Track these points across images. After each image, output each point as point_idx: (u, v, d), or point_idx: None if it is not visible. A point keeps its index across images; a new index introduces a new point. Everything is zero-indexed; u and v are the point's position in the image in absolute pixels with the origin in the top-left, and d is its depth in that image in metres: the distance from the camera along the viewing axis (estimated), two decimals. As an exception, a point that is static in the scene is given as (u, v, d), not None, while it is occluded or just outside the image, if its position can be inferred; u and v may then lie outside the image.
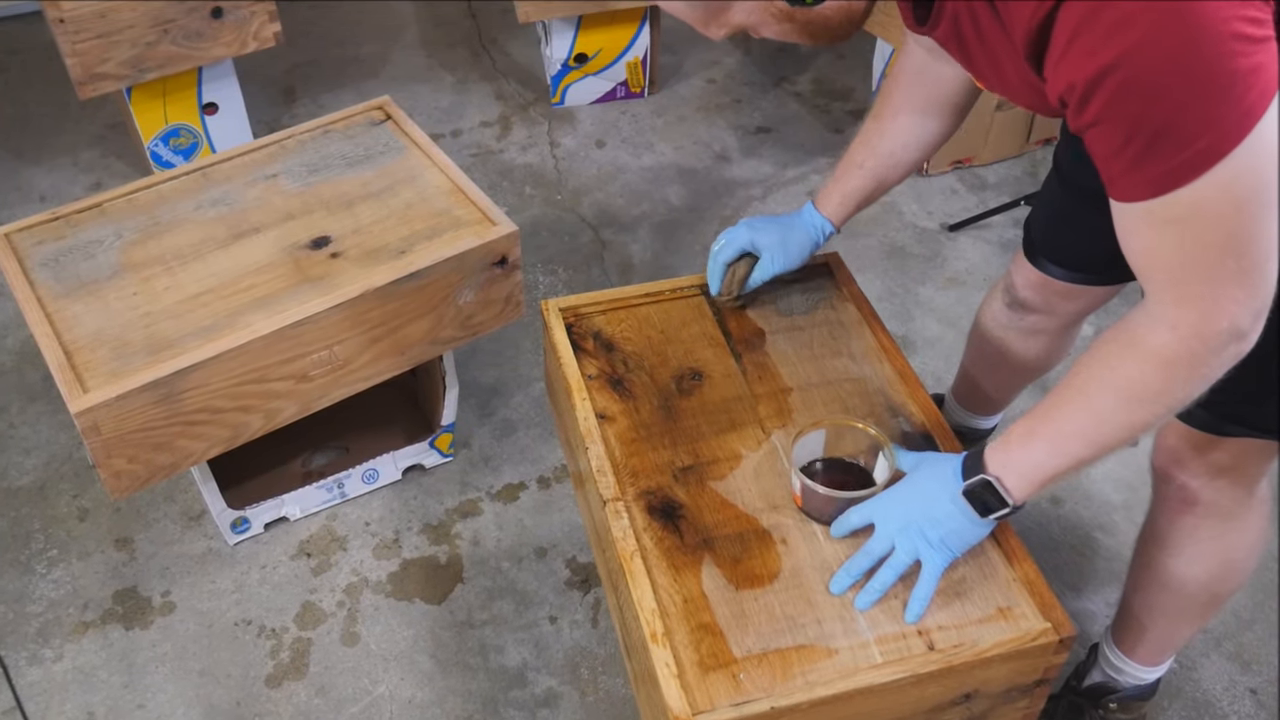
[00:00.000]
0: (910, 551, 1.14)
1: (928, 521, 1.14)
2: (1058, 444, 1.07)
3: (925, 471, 1.17)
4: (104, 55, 2.24)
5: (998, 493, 1.10)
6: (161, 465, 1.56)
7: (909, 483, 1.17)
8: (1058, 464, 1.08)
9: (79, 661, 1.71)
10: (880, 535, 1.15)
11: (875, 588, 1.15)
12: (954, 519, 1.13)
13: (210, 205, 1.75)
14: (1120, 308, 1.57)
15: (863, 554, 1.16)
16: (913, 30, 1.07)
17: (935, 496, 1.14)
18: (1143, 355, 0.98)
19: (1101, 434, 1.04)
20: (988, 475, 1.10)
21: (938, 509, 1.13)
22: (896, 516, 1.16)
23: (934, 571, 1.14)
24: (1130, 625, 1.46)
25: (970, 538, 1.14)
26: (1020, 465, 1.09)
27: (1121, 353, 1.00)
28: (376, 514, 1.91)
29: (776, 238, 1.41)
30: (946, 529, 1.13)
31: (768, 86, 2.93)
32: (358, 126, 1.90)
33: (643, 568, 1.16)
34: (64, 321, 1.56)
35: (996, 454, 1.11)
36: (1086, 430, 1.05)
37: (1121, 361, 1.00)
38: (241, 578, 1.82)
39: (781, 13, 0.98)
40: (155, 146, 2.52)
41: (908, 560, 1.14)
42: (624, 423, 1.32)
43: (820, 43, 1.03)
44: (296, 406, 1.64)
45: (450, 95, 2.92)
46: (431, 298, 1.65)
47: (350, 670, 1.69)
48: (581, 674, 1.68)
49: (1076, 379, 1.05)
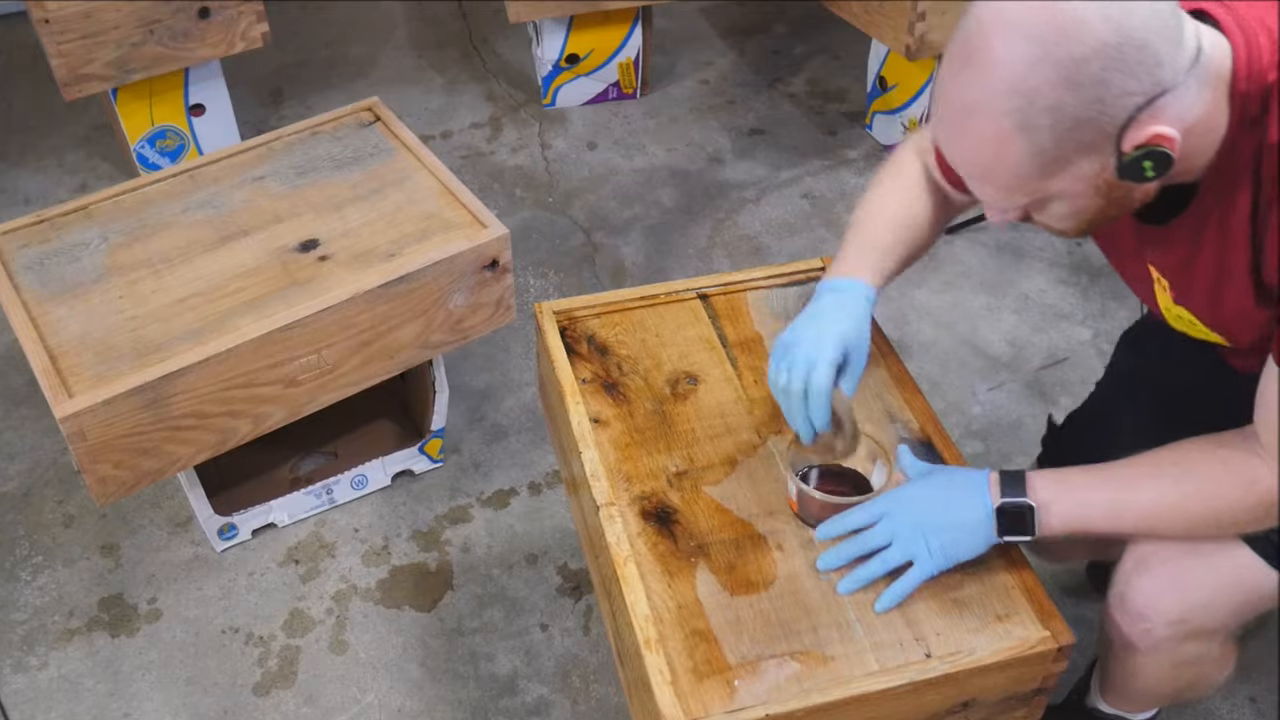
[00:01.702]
0: (906, 552, 1.13)
1: (937, 528, 1.13)
2: (1117, 509, 1.10)
3: (945, 480, 1.16)
4: (89, 56, 2.23)
5: (1031, 521, 1.10)
6: (148, 471, 1.55)
7: (927, 486, 1.16)
8: (1103, 525, 1.11)
9: (64, 670, 1.69)
10: (881, 530, 1.14)
11: (861, 577, 1.14)
12: (967, 531, 1.12)
13: (197, 208, 1.75)
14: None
15: (859, 542, 1.15)
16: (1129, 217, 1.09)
17: (958, 506, 1.13)
18: (1245, 484, 1.06)
19: (1160, 522, 1.11)
20: (1031, 501, 1.10)
21: (955, 517, 1.13)
22: (908, 516, 1.14)
23: (922, 575, 1.13)
24: (1109, 685, 1.43)
25: (971, 553, 1.13)
26: (1071, 509, 1.11)
27: (1226, 469, 1.07)
28: (365, 520, 1.90)
29: (855, 329, 1.20)
30: (952, 538, 1.12)
31: (761, 88, 2.92)
32: (346, 128, 1.89)
33: (636, 573, 1.15)
34: (49, 325, 1.56)
35: (1049, 487, 1.11)
36: (1151, 514, 1.10)
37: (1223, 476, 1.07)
38: (229, 585, 1.81)
39: (1105, 185, 0.98)
40: (141, 148, 2.51)
41: (900, 559, 1.13)
42: (618, 427, 1.31)
43: (1102, 222, 1.04)
44: (285, 411, 1.63)
45: (440, 96, 2.91)
46: (421, 301, 1.64)
47: (339, 678, 1.68)
48: (573, 682, 1.67)
49: (1169, 464, 1.09)
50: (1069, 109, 0.92)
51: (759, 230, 2.48)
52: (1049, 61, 0.91)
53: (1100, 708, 1.46)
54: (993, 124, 0.94)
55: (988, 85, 0.93)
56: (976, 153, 0.98)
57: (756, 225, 2.50)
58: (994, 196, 1.03)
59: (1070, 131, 0.93)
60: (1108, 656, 1.35)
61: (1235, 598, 1.16)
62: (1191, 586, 1.15)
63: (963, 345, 2.20)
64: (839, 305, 1.21)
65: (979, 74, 0.94)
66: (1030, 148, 0.95)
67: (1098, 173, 0.97)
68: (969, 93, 0.95)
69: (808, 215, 2.52)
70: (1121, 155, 0.95)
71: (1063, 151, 0.95)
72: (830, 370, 1.16)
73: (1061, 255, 2.39)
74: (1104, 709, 1.46)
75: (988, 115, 0.94)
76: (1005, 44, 0.92)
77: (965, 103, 0.96)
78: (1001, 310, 2.28)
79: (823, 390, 1.16)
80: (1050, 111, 0.92)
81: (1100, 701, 1.46)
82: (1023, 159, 0.96)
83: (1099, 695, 1.46)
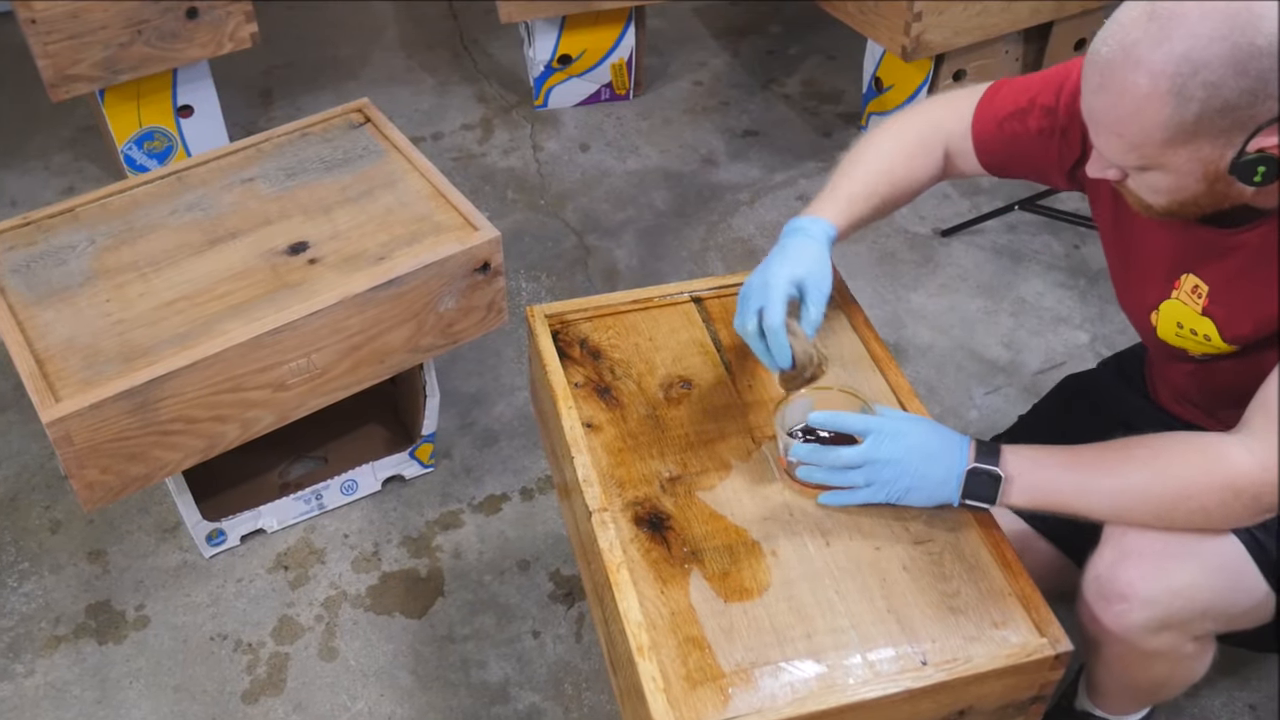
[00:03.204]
0: (878, 485, 1.17)
1: (907, 472, 1.17)
2: (1086, 488, 1.14)
3: (930, 430, 1.19)
4: (76, 57, 2.23)
5: (995, 490, 1.15)
6: (135, 476, 1.54)
7: (914, 428, 1.19)
8: (1070, 503, 1.15)
9: (51, 677, 1.68)
10: (861, 453, 1.17)
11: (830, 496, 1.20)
12: (934, 484, 1.16)
13: (185, 210, 1.74)
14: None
15: (835, 455, 1.18)
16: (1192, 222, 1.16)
17: (935, 456, 1.17)
18: (1213, 463, 1.09)
19: (1130, 504, 1.13)
20: (1000, 471, 1.14)
21: (927, 467, 1.16)
22: (892, 450, 1.17)
23: (872, 500, 1.19)
24: (1094, 687, 1.43)
25: (923, 504, 1.19)
26: (1039, 485, 1.15)
27: (1198, 451, 1.10)
28: (355, 526, 1.89)
29: (804, 266, 1.27)
30: (915, 486, 1.17)
31: (755, 89, 2.92)
32: (336, 129, 1.89)
33: (629, 580, 1.15)
34: (35, 329, 1.55)
35: (1020, 461, 1.15)
36: (1120, 495, 1.13)
37: (1193, 457, 1.10)
38: (217, 591, 1.79)
39: (1214, 174, 1.05)
40: (129, 150, 2.50)
41: (870, 498, 1.18)
42: (611, 432, 1.31)
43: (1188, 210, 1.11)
44: (274, 416, 1.62)
45: (431, 97, 2.90)
46: (412, 305, 1.64)
47: (329, 686, 1.67)
48: (565, 690, 1.66)
49: (1140, 447, 1.12)
50: (1225, 92, 0.98)
51: (753, 233, 2.47)
52: (1229, 42, 0.96)
53: (1090, 710, 1.46)
54: (1150, 81, 0.99)
55: (1165, 44, 0.98)
56: (1118, 102, 1.03)
57: (751, 228, 2.49)
58: (1112, 149, 1.07)
59: (1217, 113, 0.99)
60: (1086, 653, 1.36)
61: (1215, 585, 1.17)
62: (1174, 569, 1.16)
63: (959, 349, 2.19)
64: (796, 246, 1.29)
65: (1161, 31, 0.98)
66: (1173, 115, 1.00)
67: (1214, 160, 1.03)
68: (1143, 45, 1.00)
69: (801, 217, 2.51)
70: (1243, 153, 1.01)
71: (1199, 129, 1.00)
72: (779, 309, 1.22)
73: (1059, 258, 2.39)
74: (1093, 711, 1.45)
75: (1150, 71, 0.99)
76: (1200, 12, 0.97)
77: (1135, 53, 1.00)
78: (999, 314, 2.27)
79: (775, 328, 1.22)
80: (1208, 87, 0.98)
81: (1089, 704, 1.46)
82: (1160, 123, 1.01)
83: (1087, 698, 1.46)
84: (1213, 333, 1.21)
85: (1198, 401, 1.37)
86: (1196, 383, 1.34)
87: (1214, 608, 1.18)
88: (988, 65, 2.43)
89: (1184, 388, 1.37)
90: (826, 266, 1.29)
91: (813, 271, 1.27)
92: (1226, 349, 1.21)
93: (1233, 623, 1.21)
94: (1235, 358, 1.22)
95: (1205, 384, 1.32)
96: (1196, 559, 1.15)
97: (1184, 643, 1.22)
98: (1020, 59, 2.53)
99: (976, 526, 1.20)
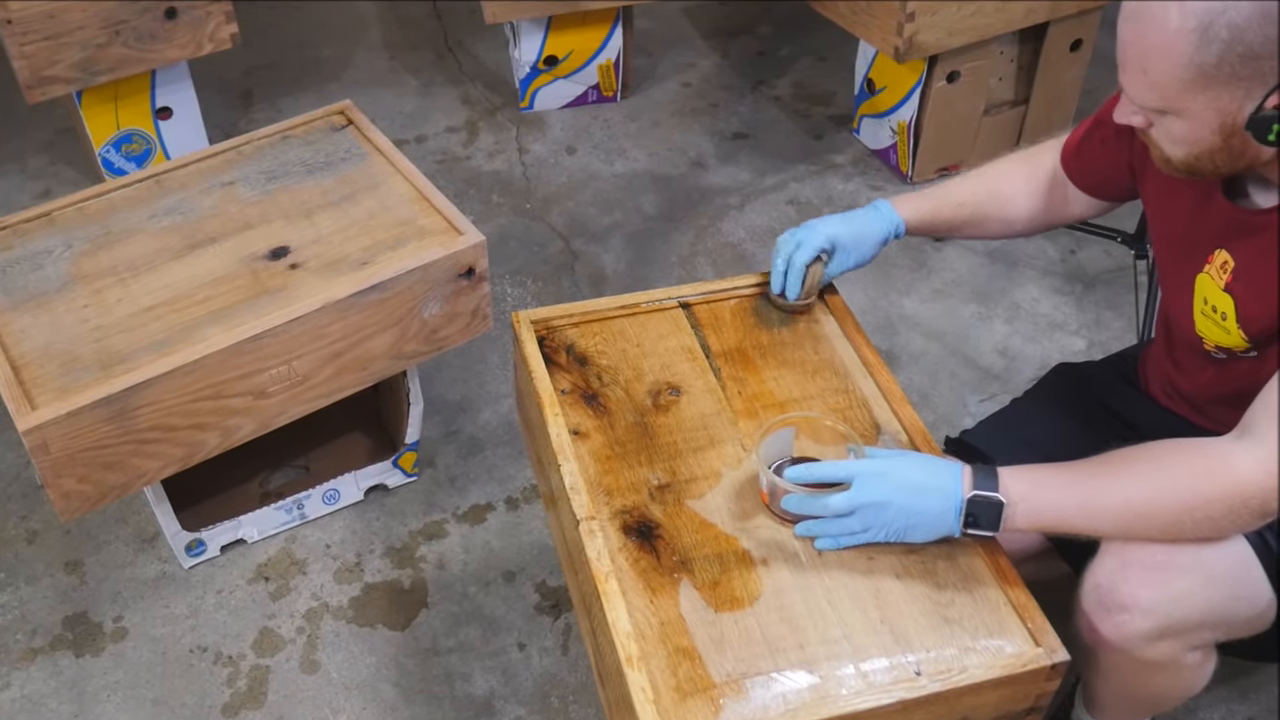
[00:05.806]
0: (875, 528, 1.15)
1: (902, 511, 1.14)
2: (1091, 507, 1.13)
3: (915, 464, 1.16)
4: (53, 58, 2.22)
5: (998, 518, 1.12)
6: (113, 485, 1.53)
7: (899, 465, 1.16)
8: (1075, 524, 1.13)
9: (27, 690, 1.67)
10: (848, 499, 1.14)
11: (828, 541, 1.17)
12: (931, 517, 1.14)
13: (164, 214, 1.73)
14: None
15: (822, 504, 1.15)
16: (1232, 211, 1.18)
17: (925, 490, 1.14)
18: (1219, 469, 1.08)
19: (1136, 519, 1.12)
20: (1001, 498, 1.12)
21: (921, 503, 1.14)
22: (879, 492, 1.14)
23: (870, 541, 1.16)
24: (1092, 699, 1.42)
25: (924, 539, 1.16)
26: (1042, 509, 1.13)
27: (1202, 458, 1.10)
28: (338, 536, 1.88)
29: (851, 234, 1.42)
30: (912, 523, 1.14)
31: (745, 90, 2.91)
32: (318, 132, 1.88)
33: (618, 589, 1.14)
34: (11, 335, 1.55)
35: (1020, 485, 1.13)
36: (1125, 511, 1.12)
37: (1197, 464, 1.09)
38: (197, 603, 1.78)
39: (1230, 127, 1.07)
40: (107, 153, 2.49)
41: (871, 539, 1.16)
42: (598, 439, 1.30)
43: (1204, 168, 1.13)
44: (254, 424, 1.62)
45: (414, 99, 2.89)
46: (395, 311, 1.63)
47: (310, 699, 1.66)
48: (552, 703, 1.65)
49: (1142, 460, 1.11)
50: (1250, 37, 1.01)
51: (743, 237, 2.46)
52: None
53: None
54: (1179, 15, 1.02)
55: None
56: (1146, 32, 1.05)
57: (740, 232, 2.48)
58: (1135, 87, 1.10)
59: (1239, 58, 1.02)
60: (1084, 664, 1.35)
61: (1216, 594, 1.16)
62: (1175, 578, 1.15)
63: (953, 356, 2.18)
64: (859, 215, 1.43)
65: None
66: (1195, 54, 1.03)
67: (1231, 111, 1.06)
68: None
69: (793, 222, 2.49)
70: (1261, 107, 1.04)
71: (1219, 73, 1.03)
72: (809, 253, 1.39)
73: (1055, 264, 2.38)
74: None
75: (1181, 5, 1.02)
76: None
77: None
78: (993, 320, 2.26)
79: (797, 266, 1.39)
80: (1233, 29, 1.01)
81: (1086, 716, 1.45)
82: (1183, 60, 1.03)
83: (1084, 709, 1.45)
84: (1230, 311, 1.20)
85: (1195, 401, 1.37)
86: (1201, 385, 1.33)
87: (1214, 616, 1.17)
88: (982, 66, 2.42)
89: (1185, 388, 1.37)
90: (867, 245, 1.42)
91: (850, 242, 1.41)
92: (1239, 337, 1.20)
93: (1233, 631, 1.20)
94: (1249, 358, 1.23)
95: (1215, 388, 1.31)
96: (1199, 568, 1.14)
97: (1184, 653, 1.20)
98: (1015, 60, 2.52)
99: (970, 534, 1.19)
